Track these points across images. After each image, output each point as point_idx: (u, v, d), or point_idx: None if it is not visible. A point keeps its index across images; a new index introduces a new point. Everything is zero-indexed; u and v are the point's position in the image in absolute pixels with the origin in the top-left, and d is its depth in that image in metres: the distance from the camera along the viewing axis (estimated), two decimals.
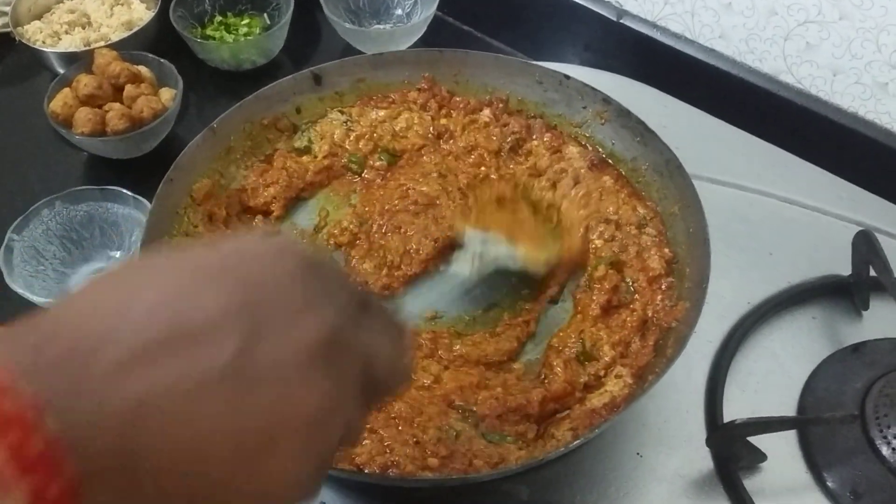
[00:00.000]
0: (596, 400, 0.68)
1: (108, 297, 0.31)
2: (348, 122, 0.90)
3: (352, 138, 0.89)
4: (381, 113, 0.90)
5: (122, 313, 0.30)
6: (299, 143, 0.89)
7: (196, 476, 0.30)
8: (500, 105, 0.88)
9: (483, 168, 0.85)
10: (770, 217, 0.91)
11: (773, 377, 0.78)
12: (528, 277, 0.76)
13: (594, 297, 0.75)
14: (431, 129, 0.88)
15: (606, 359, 0.72)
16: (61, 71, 1.07)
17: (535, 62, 0.88)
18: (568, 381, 0.69)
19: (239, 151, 0.86)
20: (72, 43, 1.12)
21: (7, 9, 1.15)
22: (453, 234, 0.78)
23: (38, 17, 1.17)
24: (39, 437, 0.26)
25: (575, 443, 0.62)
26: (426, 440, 0.64)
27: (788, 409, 0.76)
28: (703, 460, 0.72)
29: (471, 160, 0.86)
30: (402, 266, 0.76)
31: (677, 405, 0.76)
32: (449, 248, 0.78)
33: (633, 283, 0.76)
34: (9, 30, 1.13)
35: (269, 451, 0.31)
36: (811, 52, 0.97)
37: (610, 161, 0.84)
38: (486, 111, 0.88)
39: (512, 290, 0.77)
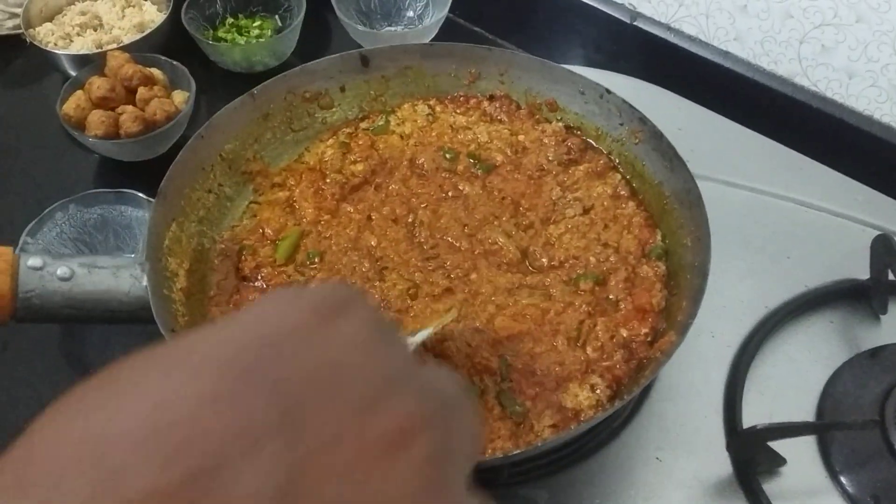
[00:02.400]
0: (569, 401, 0.68)
1: (81, 422, 0.22)
2: (430, 116, 0.91)
3: (433, 134, 0.90)
4: (461, 118, 0.90)
5: (100, 457, 0.21)
6: (378, 123, 0.91)
7: None
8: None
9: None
10: (786, 220, 0.90)
11: (790, 381, 0.78)
12: None
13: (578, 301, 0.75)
14: (510, 147, 0.88)
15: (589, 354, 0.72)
16: (73, 73, 1.07)
17: (578, 72, 0.87)
18: None
19: (276, 119, 0.88)
20: (83, 45, 1.11)
21: (18, 11, 1.15)
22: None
23: (50, 18, 1.16)
24: None
25: (539, 444, 0.63)
26: None
27: (807, 413, 0.76)
28: (722, 465, 0.72)
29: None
30: None
31: (696, 409, 0.75)
32: None
33: (618, 300, 0.75)
34: (20, 31, 1.13)
35: None
36: (827, 55, 0.96)
37: (635, 185, 0.84)
38: (553, 125, 0.88)
39: None
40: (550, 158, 0.85)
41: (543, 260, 0.78)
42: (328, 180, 0.85)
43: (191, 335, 0.25)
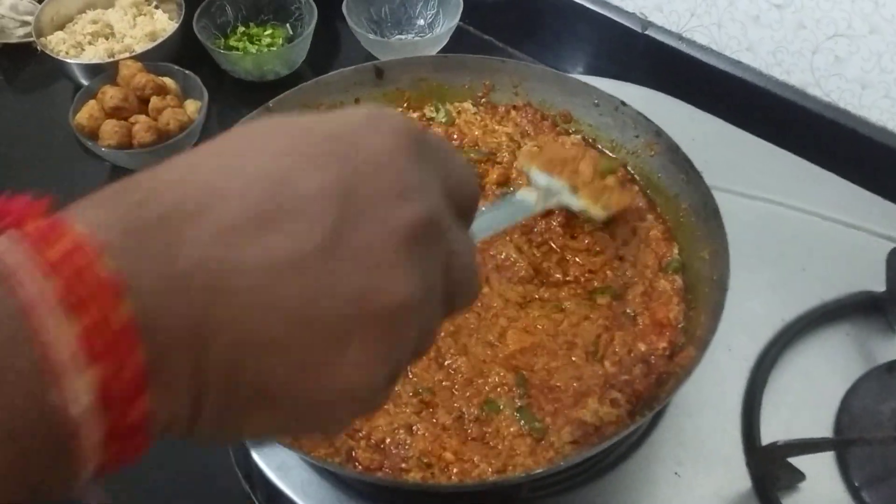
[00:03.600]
0: (589, 416, 0.68)
1: (205, 164, 0.29)
2: (479, 115, 0.92)
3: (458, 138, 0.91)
4: (497, 127, 0.91)
5: (219, 183, 0.28)
6: (439, 115, 0.91)
7: (265, 363, 0.28)
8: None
9: None
10: (801, 232, 0.90)
11: (808, 395, 0.77)
12: None
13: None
14: None
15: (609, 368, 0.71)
16: (84, 82, 1.07)
17: (592, 83, 0.88)
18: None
19: None
20: (95, 54, 1.11)
21: (30, 19, 1.15)
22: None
23: (61, 27, 1.17)
24: (117, 319, 0.24)
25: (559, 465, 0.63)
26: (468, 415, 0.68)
27: (824, 428, 0.75)
28: (741, 479, 0.72)
29: None
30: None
31: (714, 424, 0.75)
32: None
33: (636, 314, 0.75)
34: (31, 40, 1.13)
35: (335, 355, 0.29)
36: (840, 66, 0.96)
37: (652, 197, 0.84)
38: (572, 138, 0.88)
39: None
40: None
41: (558, 275, 0.78)
42: None
43: (280, 119, 0.32)
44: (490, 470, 0.64)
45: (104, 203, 0.27)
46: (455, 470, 0.63)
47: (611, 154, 0.87)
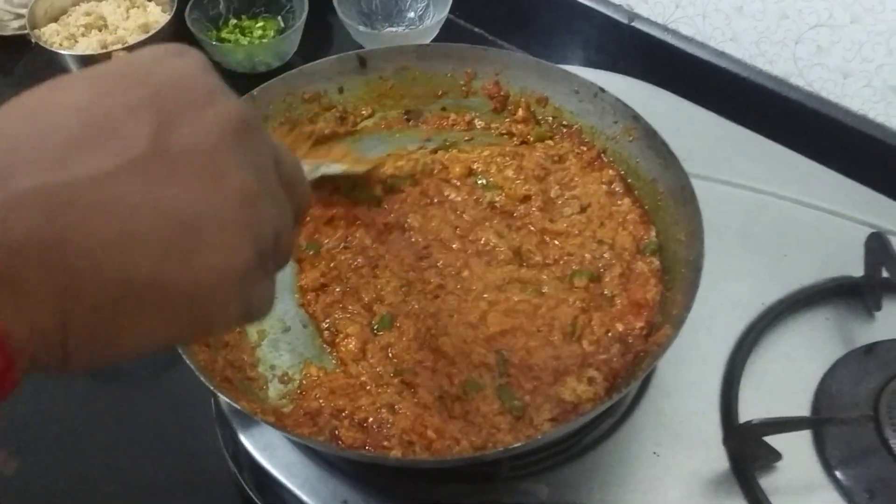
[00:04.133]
0: (567, 394, 0.69)
1: (27, 101, 0.31)
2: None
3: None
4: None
5: (41, 113, 0.30)
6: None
7: (126, 257, 0.29)
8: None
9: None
10: (782, 219, 0.91)
11: (786, 377, 0.79)
12: None
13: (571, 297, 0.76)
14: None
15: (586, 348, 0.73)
16: None
17: (573, 71, 0.89)
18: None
19: (276, 121, 0.89)
20: (88, 45, 1.13)
21: (24, 11, 1.16)
22: None
23: (55, 19, 1.18)
24: None
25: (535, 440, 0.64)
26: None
27: (802, 409, 0.77)
28: (719, 459, 0.73)
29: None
30: None
31: (693, 405, 0.77)
32: None
33: (613, 295, 0.76)
34: (25, 32, 1.14)
35: (194, 240, 0.30)
36: (822, 56, 0.98)
37: (630, 181, 0.85)
38: (566, 144, 0.90)
39: None
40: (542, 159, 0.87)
41: (538, 258, 0.79)
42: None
43: (87, 70, 0.34)
44: (470, 447, 0.65)
45: None
46: (437, 447, 0.64)
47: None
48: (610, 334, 0.72)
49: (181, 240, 0.30)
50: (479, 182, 0.86)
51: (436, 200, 0.85)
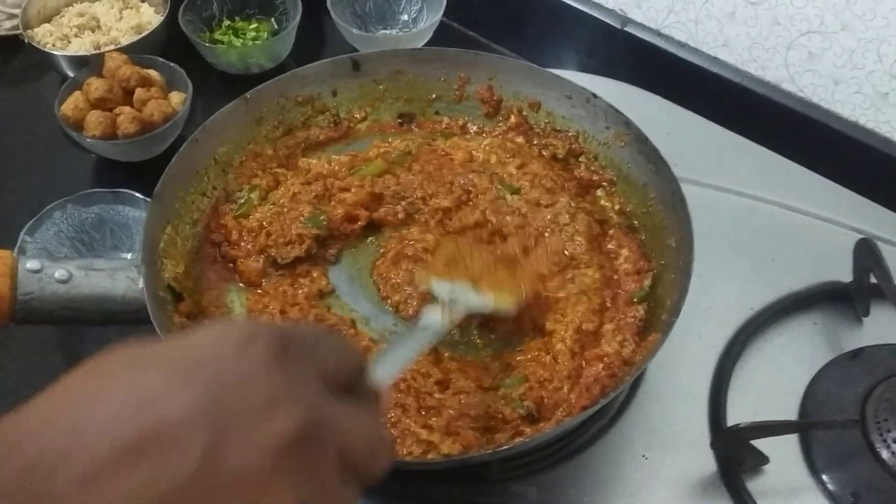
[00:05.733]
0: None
1: (73, 398, 0.30)
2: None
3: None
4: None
5: (87, 418, 0.29)
6: None
7: None
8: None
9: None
10: (772, 224, 0.92)
11: (774, 382, 0.79)
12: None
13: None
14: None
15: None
16: (71, 74, 1.08)
17: (565, 76, 0.89)
18: None
19: (269, 124, 0.89)
20: (81, 46, 1.13)
21: (17, 11, 1.16)
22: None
23: (48, 19, 1.18)
24: None
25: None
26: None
27: (790, 413, 0.77)
28: (706, 463, 0.73)
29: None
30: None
31: (682, 408, 0.77)
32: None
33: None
34: (18, 32, 1.14)
35: None
36: (813, 62, 0.98)
37: (620, 188, 0.86)
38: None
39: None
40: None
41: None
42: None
43: (148, 345, 0.33)
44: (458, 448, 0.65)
45: None
46: (424, 448, 0.65)
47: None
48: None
49: None
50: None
51: None
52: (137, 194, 0.94)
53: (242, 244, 0.80)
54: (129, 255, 0.94)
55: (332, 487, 0.34)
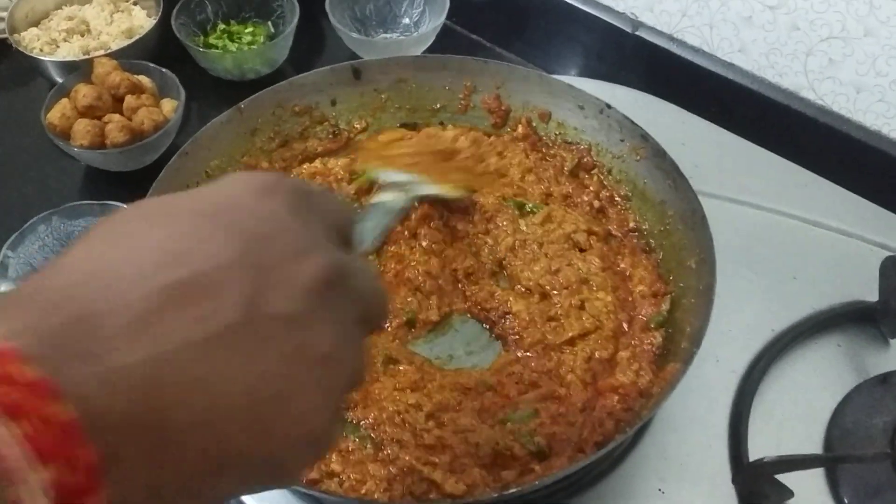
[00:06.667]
0: None
1: (107, 251, 0.30)
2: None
3: None
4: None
5: (125, 268, 0.29)
6: None
7: (221, 433, 0.29)
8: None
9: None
10: (792, 239, 0.88)
11: (797, 408, 0.75)
12: None
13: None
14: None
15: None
16: (59, 80, 1.04)
17: (577, 85, 0.85)
18: None
19: (265, 135, 0.85)
20: (70, 51, 1.08)
21: (3, 15, 1.12)
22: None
23: (36, 23, 1.13)
24: (57, 421, 0.25)
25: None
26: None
27: (814, 442, 0.73)
28: (726, 497, 0.69)
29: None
30: None
31: (700, 438, 0.73)
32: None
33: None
34: (5, 37, 1.10)
35: (280, 412, 0.31)
36: (834, 69, 0.94)
37: (635, 203, 0.82)
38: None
39: None
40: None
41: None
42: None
43: (162, 199, 0.34)
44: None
45: (14, 312, 0.27)
46: (425, 488, 0.61)
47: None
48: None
49: (268, 412, 0.30)
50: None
51: None
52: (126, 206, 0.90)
53: None
54: None
55: (353, 333, 0.35)
